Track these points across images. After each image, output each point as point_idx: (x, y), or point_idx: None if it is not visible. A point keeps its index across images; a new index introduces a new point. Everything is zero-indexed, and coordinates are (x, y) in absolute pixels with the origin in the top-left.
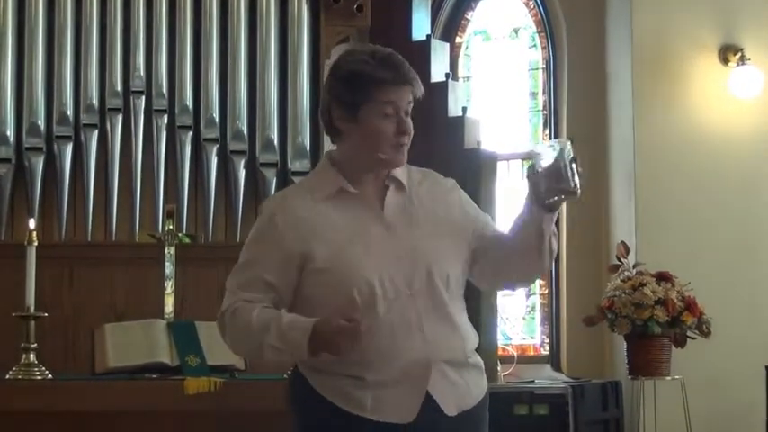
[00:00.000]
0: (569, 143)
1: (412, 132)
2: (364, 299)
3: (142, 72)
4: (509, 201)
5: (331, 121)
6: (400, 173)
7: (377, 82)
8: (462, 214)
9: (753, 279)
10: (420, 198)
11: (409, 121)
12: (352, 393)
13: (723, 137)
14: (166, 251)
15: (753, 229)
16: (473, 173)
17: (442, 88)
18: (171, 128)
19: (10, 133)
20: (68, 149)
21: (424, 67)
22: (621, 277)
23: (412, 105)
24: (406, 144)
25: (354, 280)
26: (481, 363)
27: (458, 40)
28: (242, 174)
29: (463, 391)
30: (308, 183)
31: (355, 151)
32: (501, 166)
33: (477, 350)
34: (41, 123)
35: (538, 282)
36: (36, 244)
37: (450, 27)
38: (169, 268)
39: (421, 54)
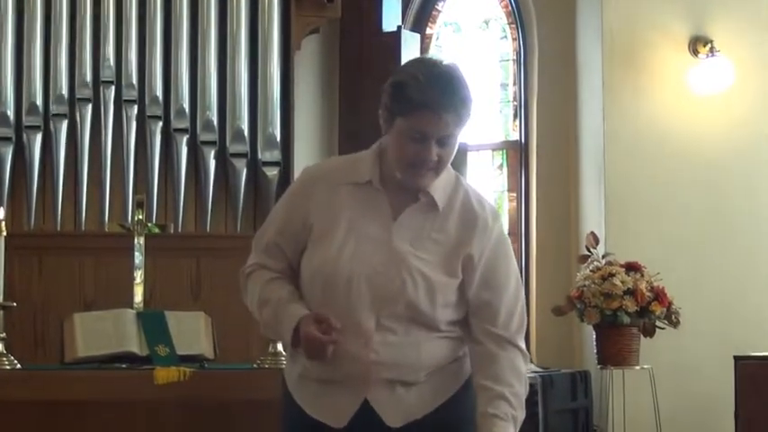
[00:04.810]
0: None
1: (443, 160)
2: (330, 292)
3: (112, 62)
4: (479, 190)
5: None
6: (441, 191)
7: (415, 104)
8: (471, 267)
9: (721, 269)
10: (445, 226)
11: (440, 149)
12: (300, 384)
13: (692, 127)
14: (136, 241)
15: (722, 219)
16: None
17: None
18: (141, 118)
19: None
20: (38, 139)
21: (394, 58)
22: (591, 267)
23: (458, 130)
24: (427, 170)
25: (328, 272)
26: (455, 367)
27: (428, 31)
28: (212, 164)
29: (413, 403)
30: (349, 162)
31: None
32: (471, 156)
33: None
34: (11, 113)
35: None
36: (5, 233)
37: (421, 18)
38: (138, 258)
39: (392, 45)
